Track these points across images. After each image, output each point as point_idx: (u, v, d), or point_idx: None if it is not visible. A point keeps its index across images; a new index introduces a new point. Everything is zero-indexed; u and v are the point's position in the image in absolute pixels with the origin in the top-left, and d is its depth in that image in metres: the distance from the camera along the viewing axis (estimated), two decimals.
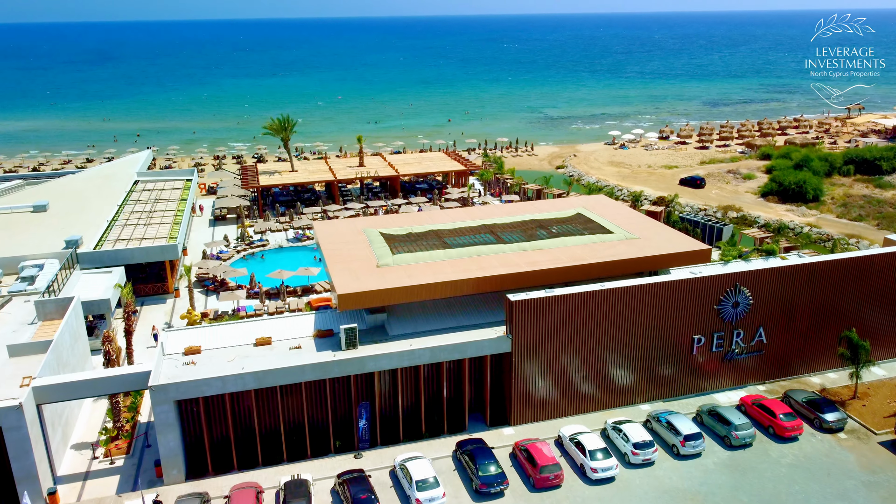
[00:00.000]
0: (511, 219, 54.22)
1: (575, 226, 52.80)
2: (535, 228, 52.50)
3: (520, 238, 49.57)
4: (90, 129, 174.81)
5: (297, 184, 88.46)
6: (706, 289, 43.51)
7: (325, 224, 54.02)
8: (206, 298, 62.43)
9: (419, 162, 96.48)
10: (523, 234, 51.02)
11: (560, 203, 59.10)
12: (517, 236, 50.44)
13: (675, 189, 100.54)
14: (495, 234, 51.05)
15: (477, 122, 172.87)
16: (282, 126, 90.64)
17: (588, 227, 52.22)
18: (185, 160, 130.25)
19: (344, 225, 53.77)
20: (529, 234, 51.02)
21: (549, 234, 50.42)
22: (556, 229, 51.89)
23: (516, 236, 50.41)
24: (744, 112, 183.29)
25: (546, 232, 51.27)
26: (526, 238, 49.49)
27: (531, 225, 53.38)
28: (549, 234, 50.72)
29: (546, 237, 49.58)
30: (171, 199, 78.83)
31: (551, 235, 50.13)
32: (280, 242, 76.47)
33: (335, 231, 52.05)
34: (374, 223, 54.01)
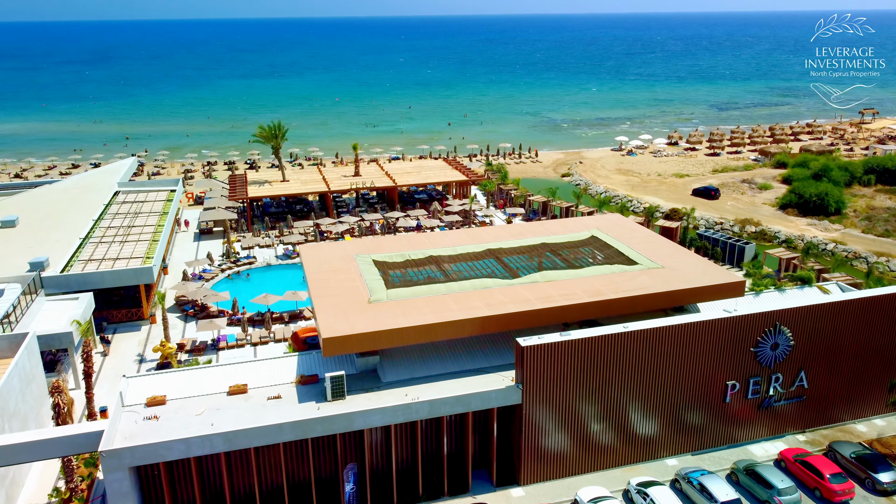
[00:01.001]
0: (518, 242, 48.99)
1: (590, 252, 47.59)
2: (545, 254, 47.29)
3: (529, 267, 44.36)
4: (80, 133, 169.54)
5: (289, 195, 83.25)
6: (742, 329, 38.27)
7: (313, 248, 48.76)
8: (184, 325, 57.17)
9: (418, 171, 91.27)
10: (533, 261, 45.83)
11: (572, 224, 53.86)
12: (526, 264, 45.25)
13: (688, 200, 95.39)
14: (502, 261, 45.83)
15: (478, 127, 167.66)
16: (272, 133, 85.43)
17: (605, 253, 47.00)
18: (175, 166, 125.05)
19: (333, 249, 48.50)
20: (540, 261, 45.81)
21: (562, 262, 45.22)
22: (569, 255, 46.70)
23: (525, 264, 45.21)
24: (753, 116, 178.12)
25: (558, 259, 46.07)
26: (536, 267, 44.27)
27: (541, 250, 48.20)
28: (562, 261, 45.51)
29: (558, 266, 44.36)
30: (153, 213, 73.56)
31: (564, 263, 44.93)
32: (268, 260, 71.24)
33: (323, 257, 46.78)
34: (367, 247, 48.77)
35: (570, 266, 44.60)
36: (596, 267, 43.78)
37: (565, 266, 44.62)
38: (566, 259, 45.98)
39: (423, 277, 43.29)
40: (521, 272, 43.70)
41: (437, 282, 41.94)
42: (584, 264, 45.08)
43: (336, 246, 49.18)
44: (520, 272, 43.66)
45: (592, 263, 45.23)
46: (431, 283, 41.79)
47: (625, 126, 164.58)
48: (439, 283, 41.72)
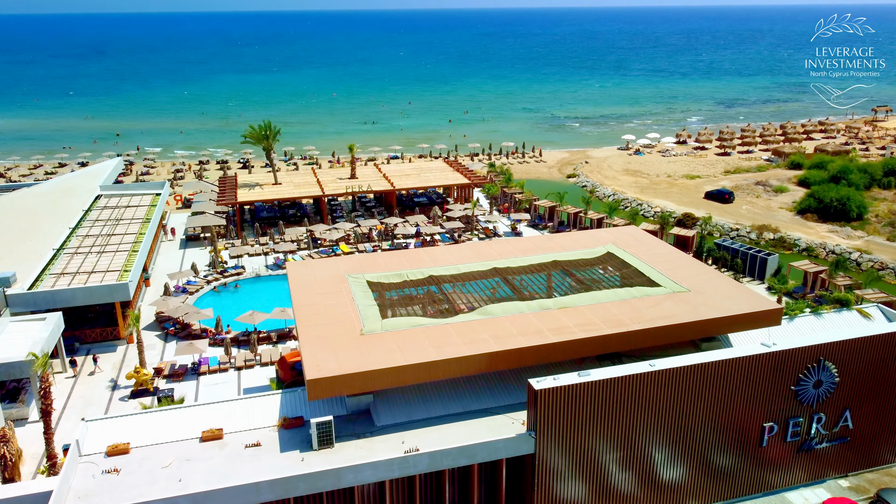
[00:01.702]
0: (527, 260, 44.59)
1: (606, 271, 43.23)
2: (557, 273, 42.95)
3: (540, 291, 40.01)
4: (70, 129, 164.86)
5: (281, 200, 78.73)
6: (782, 365, 33.91)
7: (300, 267, 44.29)
8: (164, 345, 52.75)
9: (417, 173, 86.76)
10: (544, 282, 41.46)
11: (584, 238, 49.41)
12: (537, 286, 40.90)
13: (701, 203, 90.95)
14: (509, 282, 41.47)
15: (479, 124, 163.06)
16: (262, 134, 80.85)
17: (623, 272, 42.61)
18: (166, 165, 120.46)
19: (323, 267, 44.05)
20: (551, 282, 41.46)
21: (576, 284, 40.86)
22: (583, 275, 42.35)
23: (536, 286, 40.86)
24: (761, 114, 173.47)
25: (571, 280, 41.71)
26: (548, 291, 39.90)
27: (552, 268, 43.86)
28: (576, 282, 41.16)
29: (572, 289, 39.99)
30: (135, 219, 69.07)
31: (579, 285, 40.58)
32: (258, 270, 66.78)
33: (311, 276, 42.38)
34: (361, 265, 44.34)
35: (584, 288, 40.22)
36: (614, 290, 39.37)
37: (580, 288, 40.24)
38: (580, 280, 41.59)
39: (422, 302, 38.95)
40: (532, 296, 39.34)
41: (439, 306, 37.59)
42: (601, 286, 40.72)
43: (326, 263, 44.72)
44: (530, 296, 39.29)
45: (610, 285, 40.86)
46: (431, 307, 37.42)
47: (630, 125, 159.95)
48: (440, 309, 37.37)
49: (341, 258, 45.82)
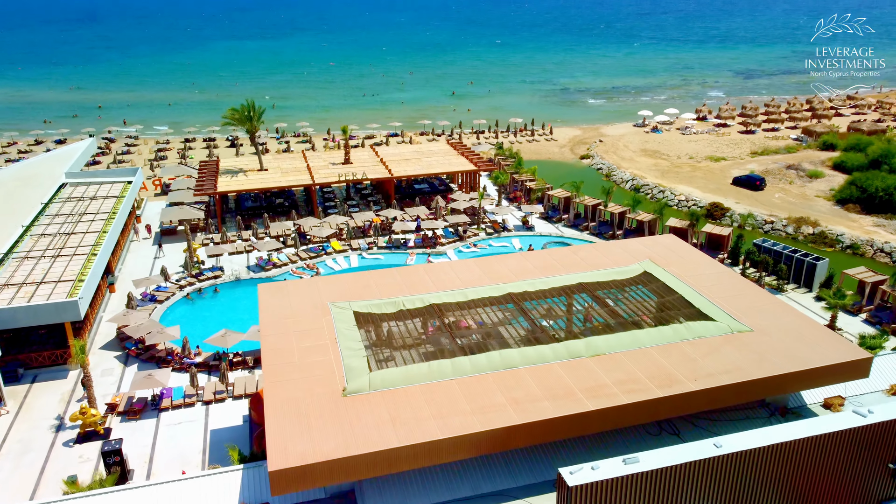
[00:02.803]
0: (548, 282, 36.96)
1: (645, 297, 35.67)
2: (585, 300, 35.46)
3: (566, 326, 32.52)
4: (52, 101, 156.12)
5: (266, 190, 70.80)
6: (880, 439, 26.52)
7: (275, 292, 36.66)
8: (123, 370, 45.52)
9: (418, 158, 78.64)
10: (568, 314, 33.98)
11: (615, 250, 41.62)
12: (561, 319, 33.43)
13: (728, 190, 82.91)
14: (527, 312, 34.02)
15: (484, 97, 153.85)
16: (245, 115, 72.60)
17: (665, 300, 35.06)
18: (148, 143, 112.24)
19: (302, 293, 36.44)
20: (578, 314, 33.98)
21: (610, 317, 33.39)
22: (617, 303, 34.88)
23: (560, 319, 33.40)
24: (783, 86, 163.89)
25: (603, 311, 34.21)
26: (575, 327, 32.42)
27: (578, 291, 36.33)
28: (609, 314, 33.67)
29: (606, 326, 32.50)
30: (101, 214, 61.39)
31: (613, 319, 33.11)
32: (238, 272, 59.29)
33: (287, 306, 34.85)
34: (348, 289, 36.75)
35: (620, 324, 32.70)
36: (659, 330, 31.82)
37: (615, 325, 32.73)
38: (614, 312, 34.05)
39: (421, 342, 31.58)
40: (556, 335, 31.87)
41: (441, 349, 30.17)
42: (641, 321, 33.19)
43: (306, 287, 37.05)
44: (554, 335, 31.81)
45: (651, 321, 33.32)
46: (432, 350, 30.00)
47: (645, 98, 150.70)
48: (444, 352, 29.96)
49: (325, 280, 38.18)
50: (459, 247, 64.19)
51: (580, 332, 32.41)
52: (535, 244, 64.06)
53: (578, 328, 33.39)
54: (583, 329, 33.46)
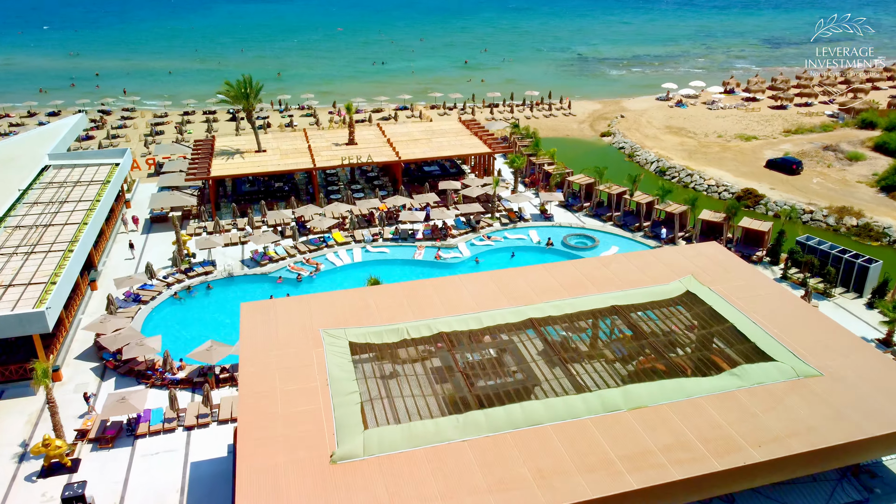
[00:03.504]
0: (574, 304, 31.89)
1: (689, 327, 30.56)
2: (618, 329, 30.44)
3: (597, 364, 27.56)
4: (50, 68, 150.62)
5: (263, 174, 65.53)
6: None
7: (259, 315, 31.68)
8: (99, 385, 41.10)
9: (428, 138, 73.01)
10: (600, 345, 29.00)
11: (651, 263, 36.31)
12: (591, 355, 28.44)
13: (762, 174, 76.96)
14: (551, 344, 29.01)
15: (498, 66, 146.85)
16: (241, 92, 67.02)
17: (715, 331, 29.96)
18: (146, 116, 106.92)
19: (291, 315, 31.51)
20: (611, 347, 28.98)
21: (649, 353, 28.37)
22: (656, 333, 29.84)
23: (591, 361, 28.42)
24: (812, 56, 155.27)
25: (641, 344, 29.17)
26: (608, 369, 27.40)
27: (609, 316, 31.28)
28: (649, 348, 28.63)
29: (645, 369, 27.47)
30: (83, 202, 56.58)
31: (652, 356, 28.08)
32: (231, 268, 54.52)
33: (273, 333, 29.99)
34: (345, 309, 31.81)
35: (665, 365, 27.68)
36: (709, 378, 26.75)
37: (656, 369, 27.68)
38: (655, 346, 28.99)
39: (427, 380, 26.77)
40: (584, 376, 26.94)
41: (451, 394, 25.31)
42: (686, 360, 28.17)
43: (296, 309, 32.08)
44: (582, 376, 26.89)
45: (699, 358, 28.26)
46: (440, 394, 25.15)
47: (668, 70, 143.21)
48: (453, 399, 25.12)
49: (318, 299, 33.22)
50: (472, 239, 59.06)
51: (615, 374, 27.40)
52: (554, 237, 58.84)
53: (613, 367, 28.36)
54: (617, 365, 28.45)
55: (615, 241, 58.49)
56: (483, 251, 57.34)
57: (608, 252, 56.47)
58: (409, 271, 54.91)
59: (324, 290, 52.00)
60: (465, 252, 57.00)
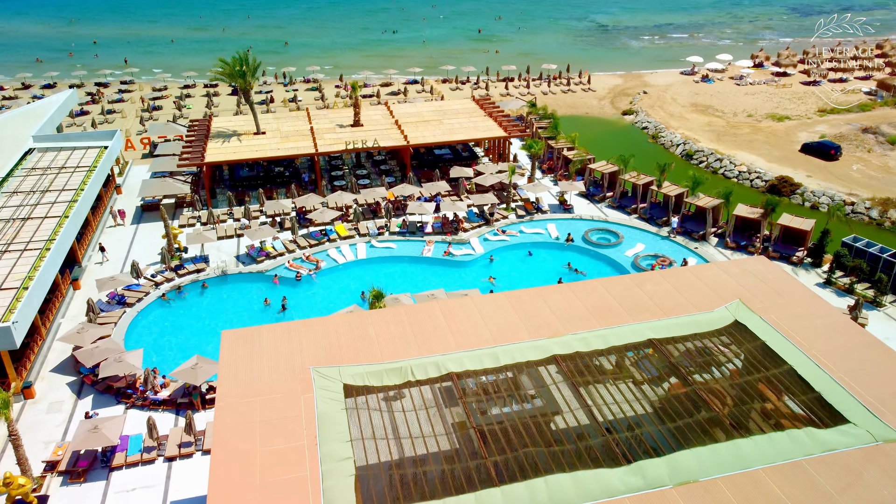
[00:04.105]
0: (605, 335, 27.57)
1: (739, 370, 26.22)
2: (657, 369, 26.17)
3: (633, 419, 23.36)
4: (49, 35, 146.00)
5: (260, 160, 60.97)
6: None
7: (240, 346, 27.47)
8: (75, 404, 37.43)
9: (439, 119, 68.10)
10: (636, 393, 24.80)
11: (692, 283, 31.71)
12: (626, 405, 24.28)
13: (797, 159, 71.73)
14: (578, 389, 24.82)
15: (513, 36, 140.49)
16: (238, 70, 62.17)
17: (771, 374, 25.59)
18: (144, 89, 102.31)
19: (278, 345, 27.33)
20: (649, 395, 24.75)
21: (696, 403, 24.11)
22: (701, 376, 25.56)
23: (623, 404, 24.25)
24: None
25: (685, 387, 24.89)
26: (650, 432, 23.17)
27: (644, 346, 27.03)
28: (697, 400, 24.33)
29: (691, 424, 23.21)
30: (66, 191, 52.50)
31: (699, 407, 23.85)
32: (226, 265, 50.47)
33: (256, 372, 25.89)
34: (339, 340, 27.64)
35: (714, 420, 23.41)
36: (770, 437, 22.47)
37: (702, 418, 23.43)
38: (701, 393, 24.67)
39: (433, 436, 22.71)
40: (619, 433, 22.74)
41: (461, 464, 21.23)
42: (738, 411, 23.89)
43: (285, 337, 27.88)
44: (617, 435, 22.70)
45: (754, 413, 23.96)
46: (449, 465, 21.06)
47: (691, 41, 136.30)
48: (464, 475, 21.03)
49: (309, 326, 29.01)
50: (485, 233, 54.65)
51: (656, 433, 23.18)
52: (574, 231, 54.32)
53: (652, 422, 24.10)
54: (657, 418, 24.20)
55: (641, 238, 53.88)
56: (497, 247, 52.99)
57: (634, 250, 52.00)
58: (416, 270, 50.75)
59: (324, 289, 48.22)
60: (477, 248, 52.64)
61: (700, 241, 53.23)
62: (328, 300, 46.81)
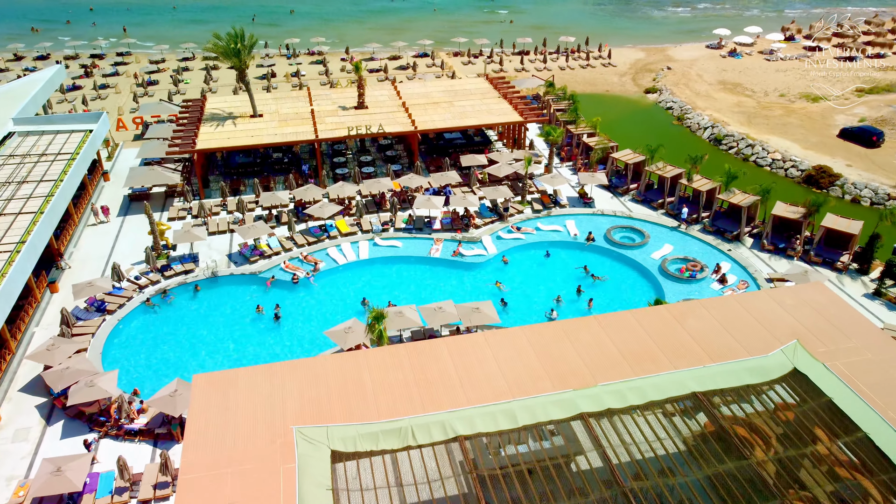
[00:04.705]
0: (640, 387, 23.42)
1: (803, 436, 22.05)
2: (703, 434, 22.06)
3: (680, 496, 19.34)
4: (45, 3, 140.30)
5: (256, 146, 56.40)
6: None
7: (216, 390, 23.47)
8: (43, 430, 33.82)
9: (449, 101, 63.20)
10: (679, 467, 20.75)
11: (739, 313, 27.32)
12: (668, 486, 20.21)
13: (836, 146, 66.55)
14: (610, 459, 20.79)
15: (529, 8, 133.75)
16: (232, 48, 57.30)
17: (844, 442, 21.40)
18: (141, 61, 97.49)
19: (256, 396, 23.32)
20: (695, 465, 20.69)
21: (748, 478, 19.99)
22: (754, 436, 21.49)
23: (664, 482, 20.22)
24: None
25: (738, 459, 20.79)
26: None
27: (688, 401, 22.91)
28: (753, 475, 20.23)
29: None
30: (45, 182, 48.43)
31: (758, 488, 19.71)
32: (216, 265, 46.46)
33: (229, 430, 21.93)
34: (329, 387, 23.62)
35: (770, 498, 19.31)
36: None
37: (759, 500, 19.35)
38: (759, 471, 20.53)
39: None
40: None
41: None
42: (804, 494, 19.77)
43: (265, 384, 23.85)
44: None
45: (823, 494, 19.84)
46: None
47: (715, 11, 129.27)
48: None
49: (294, 369, 24.90)
50: (499, 230, 50.30)
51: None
52: (596, 229, 49.88)
53: (697, 499, 20.05)
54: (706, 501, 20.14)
55: (669, 238, 49.36)
56: (511, 247, 48.69)
57: (661, 251, 47.49)
58: (423, 273, 46.63)
59: (323, 294, 44.32)
60: (490, 248, 48.35)
61: (733, 241, 48.68)
62: (326, 308, 42.90)
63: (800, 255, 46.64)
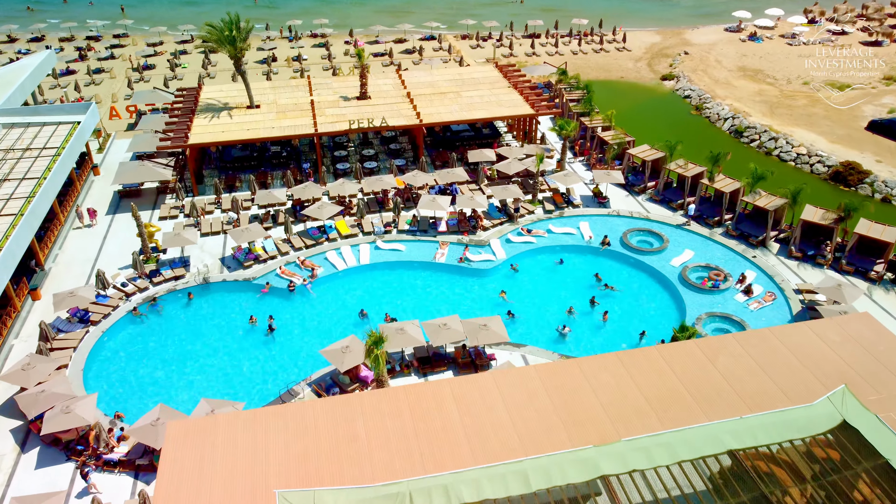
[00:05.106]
0: (669, 443, 20.71)
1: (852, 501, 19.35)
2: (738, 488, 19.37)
3: None
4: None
5: (252, 141, 53.34)
6: None
7: (191, 443, 20.89)
8: (17, 458, 31.44)
9: (457, 91, 59.91)
10: None
11: (777, 349, 24.49)
12: None
13: (864, 140, 63.17)
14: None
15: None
16: (227, 35, 54.01)
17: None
18: (139, 43, 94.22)
19: (234, 455, 20.71)
20: None
21: None
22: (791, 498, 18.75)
23: None
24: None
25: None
26: None
27: (723, 463, 20.17)
28: None
29: None
30: (28, 180, 45.72)
31: None
32: (208, 270, 43.78)
33: (203, 490, 19.35)
34: (321, 439, 21.00)
35: None
36: None
37: None
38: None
39: None
40: None
41: None
42: None
43: (246, 434, 21.25)
44: None
45: None
46: None
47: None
48: None
49: (280, 416, 22.27)
50: (508, 233, 47.36)
51: None
52: (611, 232, 46.92)
53: None
54: None
55: (690, 242, 46.33)
56: (521, 251, 45.80)
57: (681, 258, 44.51)
58: (427, 280, 43.84)
59: (320, 304, 41.57)
60: (498, 253, 45.46)
61: (758, 247, 45.62)
62: (323, 320, 40.22)
63: (830, 264, 43.58)
